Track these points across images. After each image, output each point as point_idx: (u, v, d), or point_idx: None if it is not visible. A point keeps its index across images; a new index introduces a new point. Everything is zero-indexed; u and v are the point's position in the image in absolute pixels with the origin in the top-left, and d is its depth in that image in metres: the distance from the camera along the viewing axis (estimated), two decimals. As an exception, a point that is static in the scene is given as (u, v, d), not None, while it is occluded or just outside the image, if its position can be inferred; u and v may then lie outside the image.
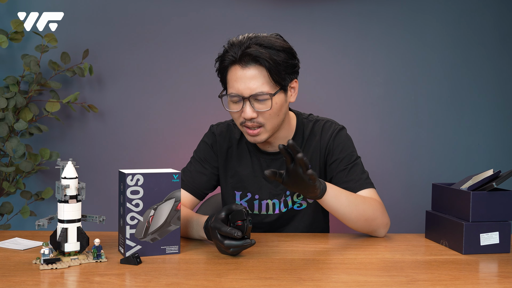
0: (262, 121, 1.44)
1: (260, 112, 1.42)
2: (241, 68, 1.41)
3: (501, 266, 1.23)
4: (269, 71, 1.40)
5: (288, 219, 1.61)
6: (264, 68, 1.40)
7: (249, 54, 1.39)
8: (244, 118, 1.43)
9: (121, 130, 2.42)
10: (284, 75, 1.43)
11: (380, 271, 1.16)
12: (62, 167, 1.20)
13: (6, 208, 2.24)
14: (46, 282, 1.07)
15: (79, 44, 2.33)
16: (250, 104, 1.41)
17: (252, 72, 1.40)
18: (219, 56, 1.47)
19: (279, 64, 1.40)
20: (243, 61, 1.40)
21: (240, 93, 1.41)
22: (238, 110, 1.44)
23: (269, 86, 1.41)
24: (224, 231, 1.21)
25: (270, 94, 1.41)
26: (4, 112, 2.12)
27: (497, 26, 2.46)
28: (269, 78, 1.41)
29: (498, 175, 1.34)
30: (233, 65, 1.43)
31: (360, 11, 2.43)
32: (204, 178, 1.60)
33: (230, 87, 1.44)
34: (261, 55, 1.38)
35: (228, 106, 1.47)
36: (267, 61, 1.39)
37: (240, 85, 1.41)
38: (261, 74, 1.40)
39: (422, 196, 2.38)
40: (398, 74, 2.46)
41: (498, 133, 2.49)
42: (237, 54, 1.40)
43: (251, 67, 1.40)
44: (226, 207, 1.27)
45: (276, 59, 1.40)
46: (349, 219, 1.42)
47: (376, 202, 1.47)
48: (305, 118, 1.62)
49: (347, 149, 1.56)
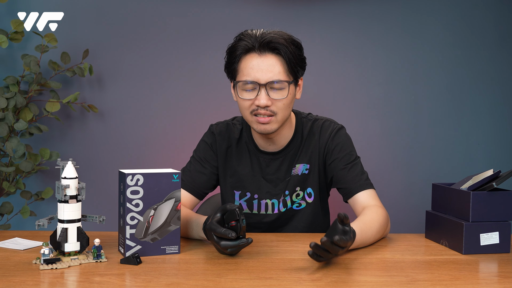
0: (275, 110, 1.45)
1: (275, 100, 1.44)
2: (259, 56, 1.43)
3: (501, 266, 1.23)
4: (287, 61, 1.43)
5: (287, 219, 1.61)
6: (282, 57, 1.43)
7: (268, 42, 1.42)
8: (258, 106, 1.44)
9: (121, 130, 2.42)
10: (298, 67, 1.47)
11: (380, 271, 1.16)
12: (62, 167, 1.20)
13: (6, 208, 2.24)
14: (46, 282, 1.07)
15: (79, 44, 2.33)
16: (265, 92, 1.43)
17: (270, 60, 1.43)
18: (230, 47, 1.48)
19: (295, 55, 1.45)
20: (261, 49, 1.43)
21: (257, 80, 1.43)
22: (252, 98, 1.45)
23: (286, 75, 1.44)
24: (219, 232, 1.21)
25: (288, 81, 1.44)
26: (4, 112, 2.12)
27: (497, 26, 2.46)
28: (286, 68, 1.44)
29: (498, 175, 1.34)
30: (248, 53, 1.45)
31: (360, 11, 2.43)
32: (204, 177, 1.60)
33: (245, 74, 1.45)
34: (280, 42, 1.42)
35: (240, 94, 1.47)
36: (287, 50, 1.42)
37: (257, 73, 1.43)
38: (279, 63, 1.44)
39: (422, 196, 2.38)
40: (398, 74, 2.46)
41: (498, 133, 2.49)
42: (254, 42, 1.43)
43: (268, 56, 1.43)
44: (221, 208, 1.27)
45: (292, 51, 1.44)
46: (369, 244, 1.40)
47: (382, 213, 1.45)
48: (304, 117, 1.62)
49: (346, 148, 1.56)
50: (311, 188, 1.59)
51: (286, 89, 1.44)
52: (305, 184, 1.58)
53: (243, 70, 1.46)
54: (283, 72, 1.44)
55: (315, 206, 1.60)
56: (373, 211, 1.43)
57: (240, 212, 1.23)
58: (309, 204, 1.60)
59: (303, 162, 1.58)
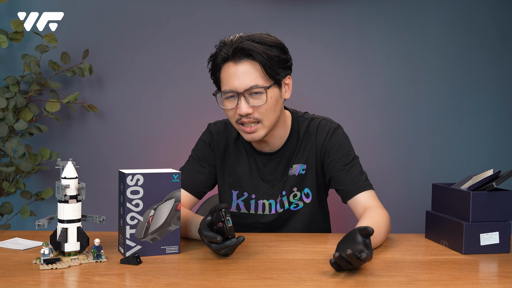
0: (258, 117, 1.43)
1: (256, 107, 1.42)
2: (234, 64, 1.41)
3: (501, 266, 1.23)
4: (262, 65, 1.40)
5: (285, 220, 1.60)
6: (257, 62, 1.40)
7: (242, 49, 1.39)
8: (240, 115, 1.43)
9: (121, 130, 2.42)
10: (278, 69, 1.43)
11: (380, 271, 1.16)
12: (62, 167, 1.20)
13: (6, 208, 2.24)
14: (46, 282, 1.07)
15: (79, 44, 2.33)
16: (245, 100, 1.41)
17: (245, 67, 1.41)
18: (211, 56, 1.48)
19: (272, 58, 1.41)
20: (236, 57, 1.41)
21: (234, 88, 1.41)
22: (233, 107, 1.43)
23: (263, 80, 1.41)
24: (206, 236, 1.21)
25: (265, 87, 1.41)
26: (4, 112, 2.12)
27: (497, 26, 2.46)
28: (263, 72, 1.41)
29: (498, 175, 1.33)
30: (225, 62, 1.43)
31: (360, 11, 2.43)
32: (202, 177, 1.60)
33: (224, 84, 1.44)
34: (254, 49, 1.39)
35: (223, 105, 1.47)
36: (260, 55, 1.39)
37: (234, 81, 1.41)
38: (255, 69, 1.41)
39: (422, 196, 2.38)
40: (398, 74, 2.46)
41: (498, 133, 2.49)
42: (229, 51, 1.41)
43: (244, 62, 1.41)
44: (211, 210, 1.26)
45: (268, 53, 1.40)
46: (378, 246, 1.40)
47: (385, 215, 1.44)
48: (300, 116, 1.61)
49: (344, 148, 1.55)
50: (309, 188, 1.58)
51: (264, 95, 1.41)
52: (302, 185, 1.58)
53: (223, 80, 1.45)
54: (260, 77, 1.41)
55: (313, 206, 1.59)
56: (377, 213, 1.42)
57: (225, 213, 1.22)
58: (307, 205, 1.59)
59: (300, 162, 1.57)
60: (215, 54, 1.46)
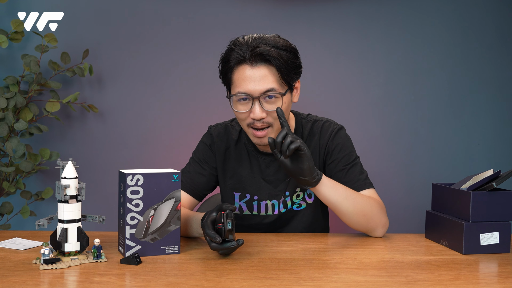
0: (271, 121, 1.43)
1: (269, 111, 1.41)
2: (251, 67, 1.39)
3: (501, 266, 1.23)
4: (279, 71, 1.39)
5: (287, 220, 1.60)
6: (274, 67, 1.39)
7: (260, 54, 1.38)
8: (253, 119, 1.42)
9: (121, 130, 2.42)
10: (292, 74, 1.43)
11: (380, 271, 1.16)
12: (62, 167, 1.20)
13: (6, 208, 2.24)
14: (46, 282, 1.07)
15: (79, 44, 2.33)
16: (259, 104, 1.40)
17: (262, 71, 1.39)
18: (223, 57, 1.45)
19: (288, 63, 1.40)
20: (252, 60, 1.39)
21: (250, 92, 1.40)
22: (246, 110, 1.42)
23: (279, 85, 1.41)
24: (206, 233, 1.21)
25: (281, 93, 1.41)
26: (4, 112, 2.12)
27: (497, 26, 2.46)
28: (279, 77, 1.40)
29: (498, 175, 1.34)
30: (241, 64, 1.41)
31: (360, 11, 2.43)
32: (203, 179, 1.60)
33: (237, 86, 1.42)
34: (271, 54, 1.38)
35: (235, 107, 1.45)
36: (278, 60, 1.38)
37: (249, 85, 1.39)
38: (271, 74, 1.40)
39: (422, 196, 2.38)
40: (398, 74, 2.46)
41: (498, 133, 2.49)
42: (245, 53, 1.39)
43: (261, 67, 1.39)
44: (218, 207, 1.26)
45: (285, 59, 1.39)
46: (346, 212, 1.41)
47: (375, 201, 1.47)
48: (304, 118, 1.61)
49: (346, 149, 1.56)
50: None
51: (279, 100, 1.41)
52: None
53: (235, 82, 1.42)
54: (276, 82, 1.40)
55: (315, 206, 1.60)
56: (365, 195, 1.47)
57: (227, 215, 1.21)
58: (309, 205, 1.59)
59: None
60: (228, 55, 1.43)
